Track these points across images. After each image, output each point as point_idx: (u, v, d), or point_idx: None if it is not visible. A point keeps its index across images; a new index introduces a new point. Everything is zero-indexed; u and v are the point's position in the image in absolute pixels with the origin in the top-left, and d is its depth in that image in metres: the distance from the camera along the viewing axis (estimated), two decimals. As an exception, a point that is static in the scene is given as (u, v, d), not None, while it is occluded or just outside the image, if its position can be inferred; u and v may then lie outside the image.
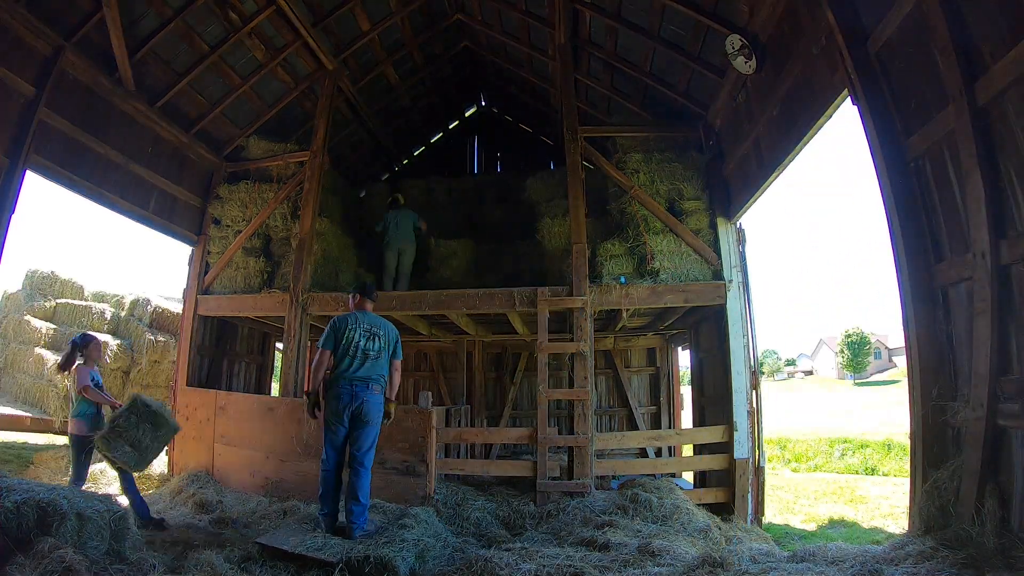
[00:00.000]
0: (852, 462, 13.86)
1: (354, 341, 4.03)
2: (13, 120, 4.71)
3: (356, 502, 3.88)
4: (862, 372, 47.61)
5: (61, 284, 9.09)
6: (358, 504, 3.88)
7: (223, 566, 3.32)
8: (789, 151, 4.68)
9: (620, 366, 9.87)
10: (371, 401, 3.99)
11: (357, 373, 3.98)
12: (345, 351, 4.01)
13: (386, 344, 4.15)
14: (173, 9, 5.60)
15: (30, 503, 3.05)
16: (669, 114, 6.72)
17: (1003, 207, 2.72)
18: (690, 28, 5.47)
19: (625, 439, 7.35)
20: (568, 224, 6.35)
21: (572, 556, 3.62)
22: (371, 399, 3.99)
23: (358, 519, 3.86)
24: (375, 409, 4.02)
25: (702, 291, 5.90)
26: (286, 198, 6.93)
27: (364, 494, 3.92)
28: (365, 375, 4.00)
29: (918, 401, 3.23)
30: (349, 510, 3.88)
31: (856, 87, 3.55)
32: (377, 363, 4.08)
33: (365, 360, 4.03)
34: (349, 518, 3.87)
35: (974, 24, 2.79)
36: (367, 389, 3.98)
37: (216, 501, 5.28)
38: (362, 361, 4.02)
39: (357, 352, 4.01)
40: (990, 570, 2.46)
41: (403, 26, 7.70)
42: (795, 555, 3.41)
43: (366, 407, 3.97)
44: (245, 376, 8.35)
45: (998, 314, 2.71)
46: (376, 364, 4.07)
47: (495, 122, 10.96)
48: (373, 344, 4.08)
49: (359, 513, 3.88)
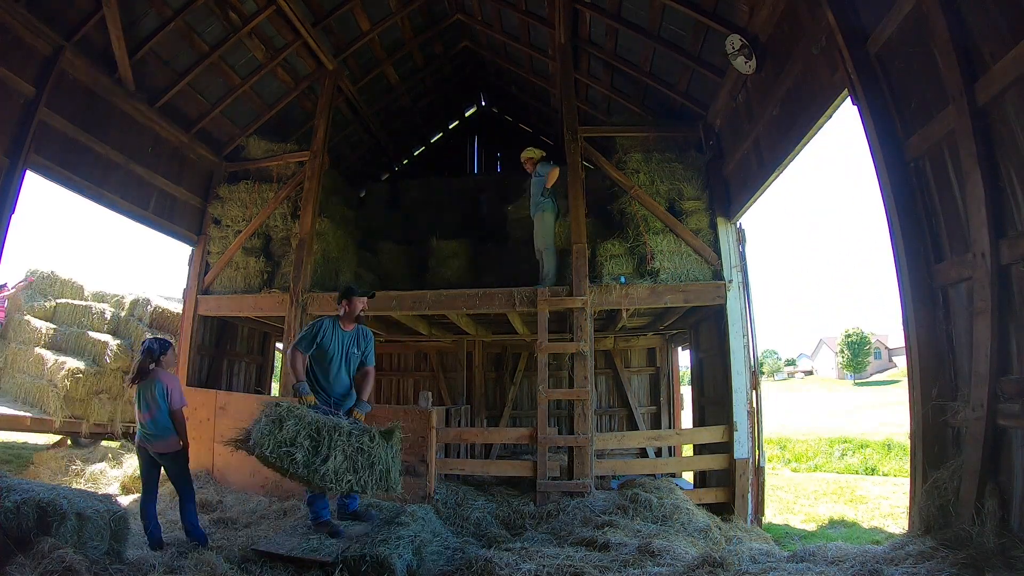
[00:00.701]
0: (852, 462, 13.86)
1: (344, 346, 4.06)
2: (13, 120, 4.71)
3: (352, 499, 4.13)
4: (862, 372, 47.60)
5: (61, 284, 9.07)
6: (353, 500, 4.14)
7: (223, 566, 3.32)
8: (789, 151, 4.68)
9: (620, 366, 9.87)
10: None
11: (344, 385, 4.05)
12: (333, 359, 4.01)
13: (366, 348, 4.17)
14: (173, 9, 5.60)
15: (30, 503, 3.06)
16: (669, 114, 6.72)
17: (1003, 207, 2.72)
18: (690, 28, 5.47)
19: (625, 439, 7.35)
20: (568, 224, 6.34)
21: (572, 556, 3.62)
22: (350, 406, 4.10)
23: (352, 502, 4.15)
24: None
25: (702, 291, 5.90)
26: (286, 198, 6.93)
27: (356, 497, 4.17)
28: (349, 382, 4.09)
29: (918, 401, 3.23)
30: (344, 507, 4.13)
31: (856, 87, 3.55)
32: (354, 368, 4.15)
33: (350, 366, 4.09)
34: (345, 504, 4.12)
35: (974, 24, 2.79)
36: (349, 397, 4.10)
37: (216, 501, 5.28)
38: (348, 368, 4.07)
39: (344, 358, 4.07)
40: (990, 570, 2.46)
41: (403, 26, 7.70)
42: (795, 555, 3.41)
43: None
44: (245, 376, 8.36)
45: (998, 314, 2.71)
46: (354, 369, 4.14)
47: (495, 122, 10.96)
48: (355, 349, 4.12)
49: (353, 500, 4.15)
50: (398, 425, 3.76)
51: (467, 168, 10.69)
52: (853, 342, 47.43)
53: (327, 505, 4.01)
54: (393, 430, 3.67)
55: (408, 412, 5.25)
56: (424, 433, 5.07)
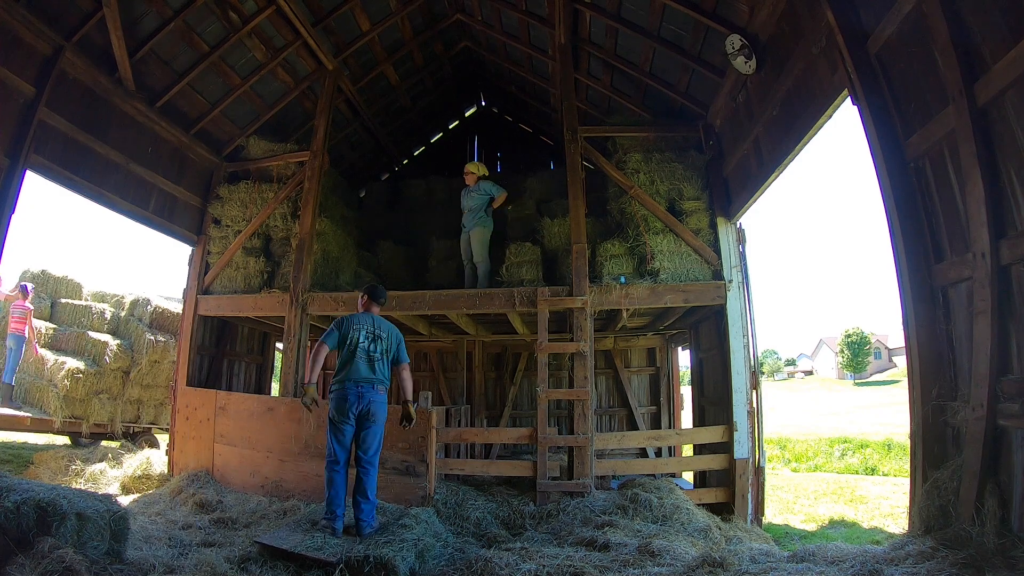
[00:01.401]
0: (852, 462, 13.84)
1: (358, 342, 4.08)
2: (13, 120, 4.70)
3: (366, 500, 3.97)
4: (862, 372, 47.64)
5: (55, 282, 9.04)
6: (368, 502, 3.97)
7: (223, 566, 3.32)
8: (789, 151, 4.68)
9: (620, 366, 9.87)
10: (377, 402, 4.05)
11: (362, 375, 4.03)
12: (350, 352, 4.07)
13: (388, 347, 4.20)
14: (173, 9, 5.59)
15: (30, 503, 3.05)
16: (669, 114, 6.72)
17: (1003, 207, 2.71)
18: (690, 28, 5.47)
19: (625, 439, 7.34)
20: (568, 224, 6.35)
21: (572, 556, 3.62)
22: (376, 399, 4.06)
23: (367, 516, 3.94)
24: (381, 410, 4.09)
25: (702, 291, 5.90)
26: (286, 198, 6.92)
27: (373, 492, 4.02)
28: (370, 377, 4.05)
29: (918, 401, 3.22)
30: (359, 507, 3.95)
31: (856, 87, 3.55)
32: (381, 364, 4.14)
33: (371, 362, 4.09)
34: (358, 515, 3.94)
35: (974, 24, 2.79)
36: (373, 390, 4.05)
37: (216, 501, 5.28)
38: (367, 363, 4.07)
39: (362, 354, 4.07)
40: (990, 570, 2.46)
41: (403, 26, 7.69)
42: (795, 555, 3.41)
43: (373, 407, 4.03)
44: (245, 376, 8.36)
45: (998, 314, 2.71)
46: (380, 365, 4.13)
47: (495, 122, 10.95)
48: (376, 346, 4.14)
49: (369, 511, 3.96)
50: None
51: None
52: (853, 342, 47.48)
53: (343, 506, 3.98)
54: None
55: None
56: (424, 433, 5.07)
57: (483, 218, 7.08)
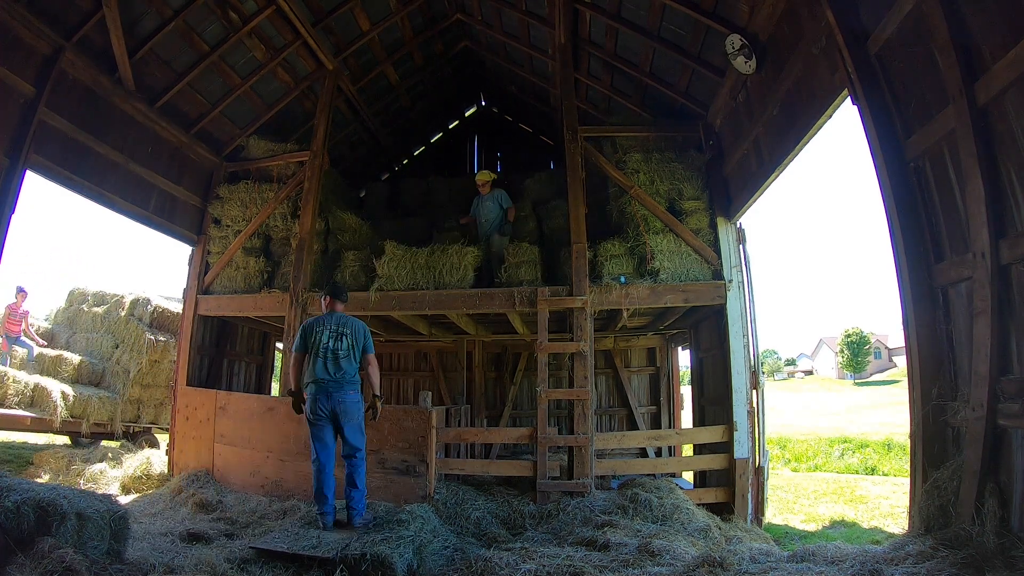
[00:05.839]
0: (852, 462, 13.84)
1: (322, 343, 4.15)
2: (13, 120, 4.71)
3: (354, 487, 4.07)
4: (862, 372, 47.60)
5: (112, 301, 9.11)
6: (356, 489, 4.07)
7: (223, 566, 3.32)
8: (789, 151, 4.68)
9: (620, 366, 9.86)
10: (347, 401, 4.12)
11: (328, 375, 4.09)
12: (315, 354, 4.14)
13: (354, 342, 4.24)
14: (173, 9, 5.59)
15: (30, 503, 3.05)
16: (669, 114, 6.71)
17: (1003, 207, 2.72)
18: (690, 28, 5.46)
19: (625, 439, 7.34)
20: (568, 224, 6.35)
21: (572, 556, 3.62)
22: (347, 399, 4.12)
23: (357, 504, 4.04)
24: (353, 407, 4.16)
25: (702, 291, 5.90)
26: (286, 198, 6.93)
27: (361, 480, 4.11)
28: (336, 375, 4.11)
29: (918, 401, 3.23)
30: (349, 496, 4.05)
31: (856, 87, 3.55)
32: (349, 361, 4.18)
33: (336, 360, 4.13)
34: (349, 503, 4.04)
35: (974, 24, 2.79)
36: (341, 390, 4.11)
37: (216, 501, 5.28)
38: (333, 362, 4.13)
39: (327, 353, 4.13)
40: (990, 570, 2.46)
41: (403, 26, 7.69)
42: (795, 555, 3.41)
43: (343, 407, 4.10)
44: (245, 376, 8.36)
45: (998, 314, 2.71)
46: (348, 362, 4.18)
47: (495, 122, 10.94)
48: (341, 343, 4.19)
49: (358, 499, 4.06)
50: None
51: (467, 168, 10.66)
52: (853, 342, 47.42)
53: (329, 499, 4.05)
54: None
55: (408, 412, 5.25)
56: (424, 433, 5.07)
57: (507, 226, 7.13)
